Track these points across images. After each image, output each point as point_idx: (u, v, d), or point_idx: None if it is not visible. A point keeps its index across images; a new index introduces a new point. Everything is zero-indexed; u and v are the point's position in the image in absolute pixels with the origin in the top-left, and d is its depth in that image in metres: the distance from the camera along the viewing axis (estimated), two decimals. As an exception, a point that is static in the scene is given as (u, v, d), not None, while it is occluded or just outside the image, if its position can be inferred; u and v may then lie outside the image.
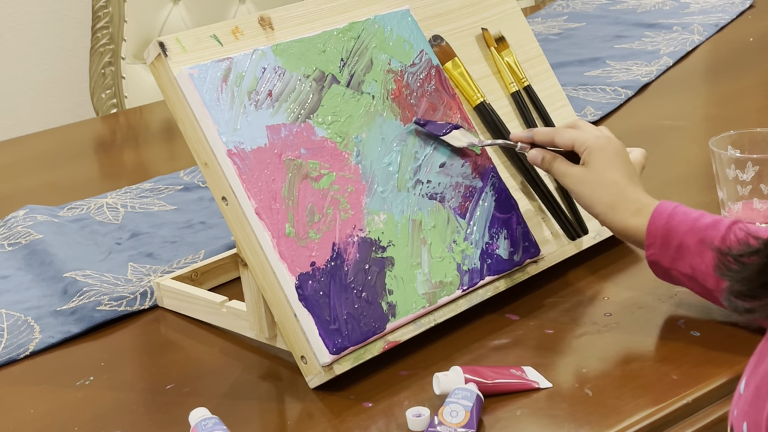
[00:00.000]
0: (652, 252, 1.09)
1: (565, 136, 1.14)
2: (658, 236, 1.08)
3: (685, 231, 1.07)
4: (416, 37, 1.21)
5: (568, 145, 1.14)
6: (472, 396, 0.97)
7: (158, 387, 1.09)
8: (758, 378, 0.76)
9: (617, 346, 1.08)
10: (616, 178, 1.11)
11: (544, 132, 1.16)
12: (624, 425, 0.96)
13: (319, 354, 1.03)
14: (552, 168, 1.15)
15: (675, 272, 1.08)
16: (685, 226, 1.07)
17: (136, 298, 1.26)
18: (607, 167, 1.11)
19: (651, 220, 1.08)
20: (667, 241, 1.07)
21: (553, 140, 1.15)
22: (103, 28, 2.23)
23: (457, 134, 1.16)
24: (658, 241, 1.08)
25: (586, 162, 1.13)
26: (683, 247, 1.07)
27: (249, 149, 1.05)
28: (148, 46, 1.08)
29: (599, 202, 1.11)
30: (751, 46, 2.09)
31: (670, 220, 1.07)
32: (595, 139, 1.13)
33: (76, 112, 2.66)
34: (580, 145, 1.13)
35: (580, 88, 1.89)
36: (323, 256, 1.05)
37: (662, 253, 1.08)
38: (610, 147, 1.13)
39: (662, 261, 1.08)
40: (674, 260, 1.07)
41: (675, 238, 1.07)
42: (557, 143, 1.15)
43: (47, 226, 1.46)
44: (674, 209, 1.08)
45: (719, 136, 1.28)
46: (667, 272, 1.09)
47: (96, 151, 1.91)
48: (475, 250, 1.15)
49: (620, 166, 1.12)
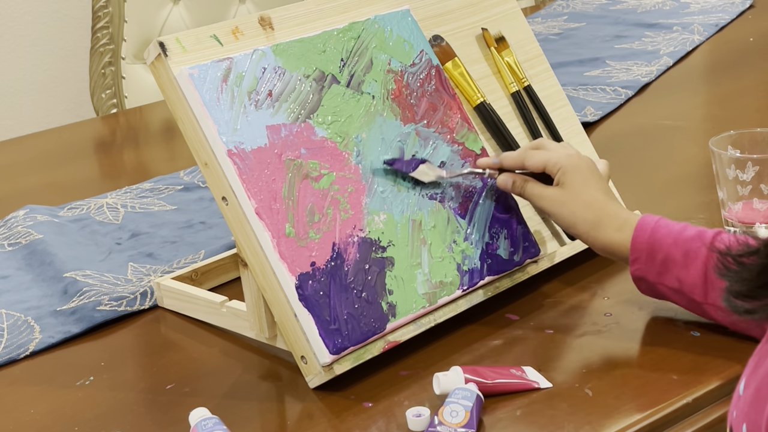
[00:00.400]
0: (637, 267, 1.08)
1: (536, 158, 1.13)
2: (642, 251, 1.07)
3: (669, 244, 1.06)
4: (416, 37, 1.21)
5: (539, 167, 1.13)
6: (472, 396, 0.97)
7: (158, 387, 1.09)
8: (758, 379, 0.76)
9: (617, 346, 1.08)
10: (595, 196, 1.10)
11: (513, 156, 1.15)
12: (624, 425, 0.96)
13: (319, 354, 1.03)
14: (525, 192, 1.14)
15: (661, 286, 1.07)
16: (669, 239, 1.06)
17: (136, 298, 1.26)
18: (584, 185, 1.11)
19: (635, 235, 1.07)
20: (652, 255, 1.06)
21: (523, 163, 1.14)
22: (103, 28, 2.23)
23: (423, 168, 1.14)
24: (643, 255, 1.07)
25: (561, 182, 1.11)
26: (669, 260, 1.06)
27: (249, 149, 1.05)
28: (148, 46, 1.07)
29: (582, 220, 1.10)
30: (751, 46, 2.09)
31: (654, 234, 1.06)
32: (567, 158, 1.12)
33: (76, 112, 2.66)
34: (553, 166, 1.12)
35: (580, 88, 1.89)
36: (323, 256, 1.05)
37: (648, 268, 1.07)
38: (583, 164, 1.12)
39: (648, 276, 1.07)
40: (660, 274, 1.07)
41: (660, 251, 1.06)
42: (527, 166, 1.14)
43: (47, 226, 1.46)
44: (657, 222, 1.07)
45: (719, 136, 1.28)
46: (652, 287, 1.08)
47: (96, 151, 1.91)
48: (475, 250, 1.15)
49: (596, 183, 1.11)
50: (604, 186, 1.12)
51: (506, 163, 1.15)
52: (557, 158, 1.12)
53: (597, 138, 1.65)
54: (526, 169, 1.14)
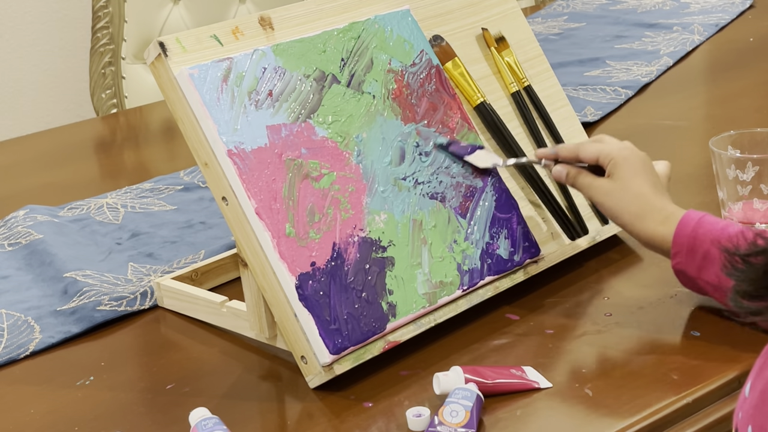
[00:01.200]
0: (678, 261, 1.09)
1: (590, 150, 1.16)
2: (684, 245, 1.08)
3: (711, 240, 1.07)
4: (416, 37, 1.21)
5: (593, 159, 1.15)
6: (472, 396, 0.97)
7: (158, 387, 1.09)
8: (764, 381, 0.76)
9: (617, 346, 1.08)
10: (642, 188, 1.12)
11: (569, 148, 1.18)
12: (624, 425, 0.96)
13: (319, 354, 1.03)
14: (577, 182, 1.16)
15: (701, 282, 1.09)
16: (711, 235, 1.07)
17: (136, 298, 1.26)
18: (633, 177, 1.12)
19: (677, 230, 1.09)
20: (692, 250, 1.08)
21: (578, 155, 1.16)
22: (103, 28, 2.23)
23: (480, 154, 1.18)
24: (684, 249, 1.08)
25: (611, 173, 1.14)
26: (709, 256, 1.07)
27: (249, 149, 1.05)
28: (148, 46, 1.07)
29: (626, 211, 1.12)
30: (751, 46, 2.09)
31: (697, 229, 1.08)
32: (619, 150, 1.15)
33: (76, 112, 2.66)
34: (605, 157, 1.14)
35: (580, 88, 1.89)
36: (323, 256, 1.05)
37: (688, 262, 1.09)
38: (635, 158, 1.14)
39: (688, 270, 1.09)
40: (700, 269, 1.08)
41: (701, 247, 1.08)
42: (582, 157, 1.16)
43: (47, 226, 1.46)
44: (701, 219, 1.09)
45: (719, 136, 1.28)
46: (693, 281, 1.10)
47: (96, 151, 1.91)
48: (476, 250, 1.15)
49: (646, 176, 1.13)
50: (654, 180, 1.14)
51: (562, 154, 1.18)
52: (610, 150, 1.15)
53: (597, 138, 1.65)
54: (580, 160, 1.16)
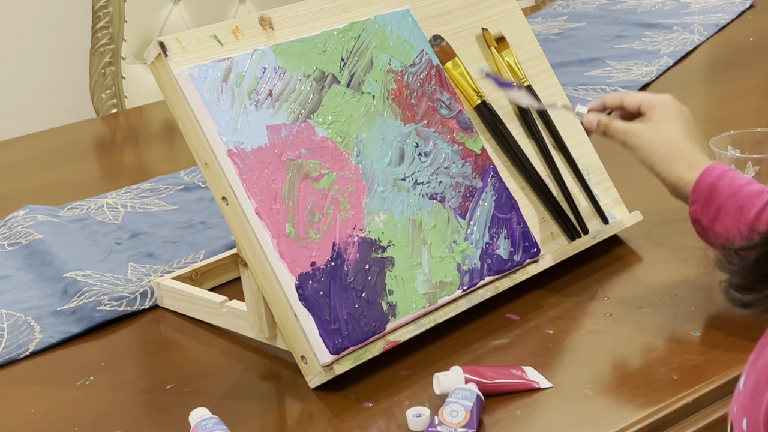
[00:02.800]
0: (694, 209, 1.11)
1: (634, 96, 1.20)
2: (702, 194, 1.10)
3: (728, 194, 1.09)
4: (416, 37, 1.21)
5: (636, 105, 1.19)
6: (472, 396, 0.97)
7: (158, 387, 1.09)
8: (756, 373, 0.76)
9: (617, 346, 1.08)
10: (675, 133, 1.15)
11: (614, 96, 1.22)
12: (624, 425, 0.96)
13: (319, 354, 1.03)
14: (610, 129, 1.19)
15: (711, 232, 1.11)
16: (730, 189, 1.09)
17: (136, 298, 1.26)
18: (667, 122, 1.16)
19: (699, 178, 1.11)
20: (709, 200, 1.10)
21: (623, 102, 1.20)
22: (103, 28, 2.23)
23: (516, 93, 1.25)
24: (701, 199, 1.10)
25: (647, 118, 1.17)
26: (723, 209, 1.09)
27: (249, 149, 1.05)
28: (149, 46, 1.07)
29: (657, 154, 1.14)
30: (751, 46, 2.09)
31: (718, 181, 1.10)
32: (661, 98, 1.18)
33: (76, 112, 2.65)
34: (647, 102, 1.18)
35: (580, 88, 1.89)
36: (323, 256, 1.05)
37: (703, 212, 1.10)
38: (674, 106, 1.17)
39: (702, 219, 1.11)
40: (713, 220, 1.10)
41: (717, 199, 1.09)
42: (626, 104, 1.20)
43: (47, 226, 1.46)
44: (724, 172, 1.11)
45: (719, 136, 1.29)
46: (704, 231, 1.12)
47: (96, 151, 1.91)
48: (475, 250, 1.15)
49: (681, 123, 1.16)
50: (688, 129, 1.16)
51: (608, 102, 1.22)
52: (652, 97, 1.19)
53: (597, 138, 1.65)
54: (624, 107, 1.21)
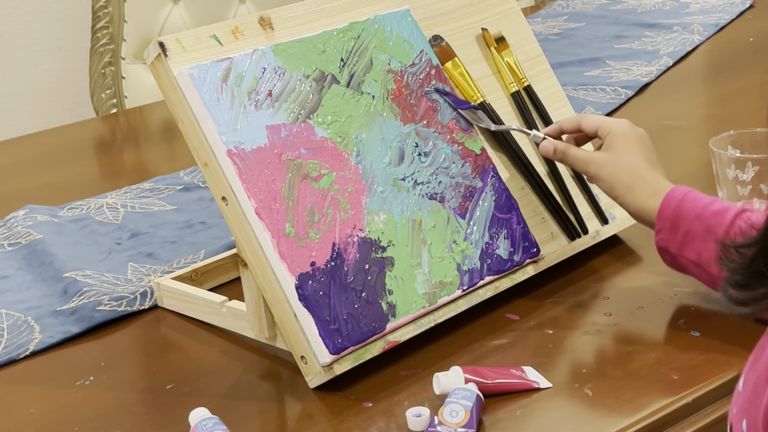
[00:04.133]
0: (661, 237, 1.10)
1: (591, 120, 1.18)
2: (667, 222, 1.09)
3: (693, 218, 1.07)
4: (416, 37, 1.21)
5: (593, 129, 1.18)
6: (472, 396, 0.97)
7: (158, 387, 1.09)
8: (756, 375, 0.76)
9: (617, 346, 1.08)
10: (636, 161, 1.13)
11: (570, 119, 1.20)
12: (624, 425, 0.96)
13: (319, 354, 1.03)
14: (567, 157, 1.17)
15: (682, 259, 1.09)
16: (693, 212, 1.08)
17: (136, 298, 1.26)
18: (628, 150, 1.14)
19: (662, 205, 1.09)
20: (675, 227, 1.08)
21: (580, 125, 1.19)
22: (103, 28, 2.23)
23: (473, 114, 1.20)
24: (667, 226, 1.09)
25: (607, 145, 1.15)
26: (690, 233, 1.07)
27: (249, 149, 1.05)
28: (148, 46, 1.08)
29: (619, 183, 1.13)
30: (751, 46, 2.09)
31: (680, 206, 1.08)
32: (618, 124, 1.17)
33: (76, 112, 2.66)
34: (604, 128, 1.16)
35: (580, 88, 1.89)
36: (323, 256, 1.05)
37: (670, 239, 1.09)
38: (633, 132, 1.16)
39: (670, 247, 1.09)
40: (681, 246, 1.08)
41: (683, 224, 1.08)
42: (583, 127, 1.18)
43: (47, 226, 1.46)
44: (686, 195, 1.09)
45: (719, 136, 1.28)
46: (674, 259, 1.10)
47: (96, 151, 1.91)
48: (475, 250, 1.15)
49: (641, 151, 1.14)
50: (649, 156, 1.15)
51: (565, 126, 1.20)
52: (609, 122, 1.17)
53: (597, 138, 1.65)
54: (581, 130, 1.19)
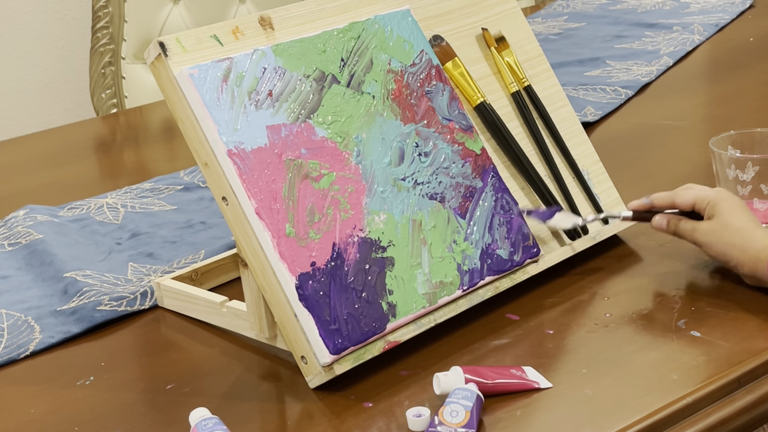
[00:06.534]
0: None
1: (685, 196, 1.18)
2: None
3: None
4: (416, 37, 1.21)
5: (689, 204, 1.18)
6: (472, 396, 0.97)
7: (158, 387, 1.09)
8: None
9: (617, 346, 1.08)
10: (742, 222, 1.14)
11: (662, 196, 1.20)
12: (624, 425, 0.96)
13: (319, 354, 1.03)
14: (679, 228, 1.18)
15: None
16: None
17: (136, 298, 1.26)
18: (733, 215, 1.15)
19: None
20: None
21: (674, 201, 1.19)
22: (103, 28, 2.24)
23: (561, 216, 1.20)
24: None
25: (711, 215, 1.16)
26: None
27: (249, 149, 1.05)
28: (149, 46, 1.08)
29: (731, 245, 1.14)
30: (751, 46, 2.09)
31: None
32: (715, 192, 1.17)
33: (76, 112, 2.66)
34: (702, 200, 1.17)
35: (580, 88, 1.89)
36: (323, 256, 1.05)
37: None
38: (731, 198, 1.17)
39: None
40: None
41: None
42: (678, 203, 1.19)
43: (47, 226, 1.46)
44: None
45: (719, 136, 1.29)
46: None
47: (96, 151, 1.91)
48: (475, 250, 1.15)
49: (744, 213, 1.15)
50: (751, 216, 1.16)
51: (657, 203, 1.20)
52: (705, 193, 1.17)
53: (597, 138, 1.66)
54: (675, 207, 1.19)
